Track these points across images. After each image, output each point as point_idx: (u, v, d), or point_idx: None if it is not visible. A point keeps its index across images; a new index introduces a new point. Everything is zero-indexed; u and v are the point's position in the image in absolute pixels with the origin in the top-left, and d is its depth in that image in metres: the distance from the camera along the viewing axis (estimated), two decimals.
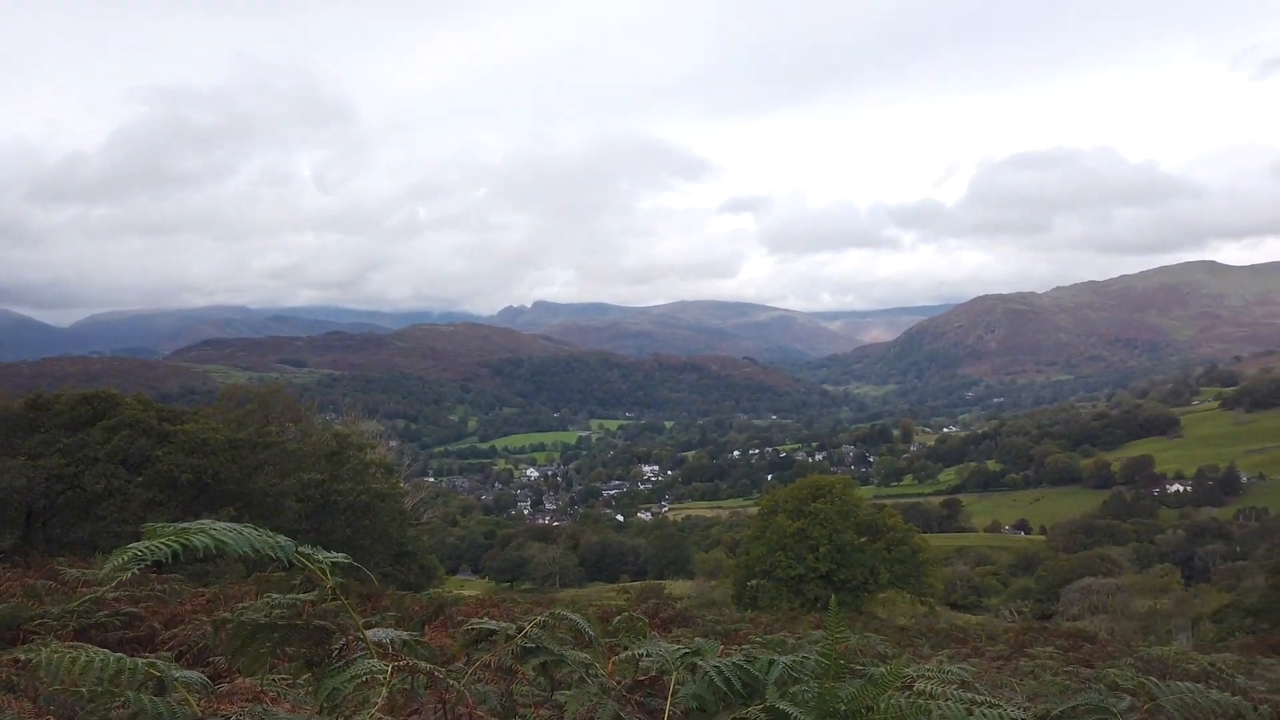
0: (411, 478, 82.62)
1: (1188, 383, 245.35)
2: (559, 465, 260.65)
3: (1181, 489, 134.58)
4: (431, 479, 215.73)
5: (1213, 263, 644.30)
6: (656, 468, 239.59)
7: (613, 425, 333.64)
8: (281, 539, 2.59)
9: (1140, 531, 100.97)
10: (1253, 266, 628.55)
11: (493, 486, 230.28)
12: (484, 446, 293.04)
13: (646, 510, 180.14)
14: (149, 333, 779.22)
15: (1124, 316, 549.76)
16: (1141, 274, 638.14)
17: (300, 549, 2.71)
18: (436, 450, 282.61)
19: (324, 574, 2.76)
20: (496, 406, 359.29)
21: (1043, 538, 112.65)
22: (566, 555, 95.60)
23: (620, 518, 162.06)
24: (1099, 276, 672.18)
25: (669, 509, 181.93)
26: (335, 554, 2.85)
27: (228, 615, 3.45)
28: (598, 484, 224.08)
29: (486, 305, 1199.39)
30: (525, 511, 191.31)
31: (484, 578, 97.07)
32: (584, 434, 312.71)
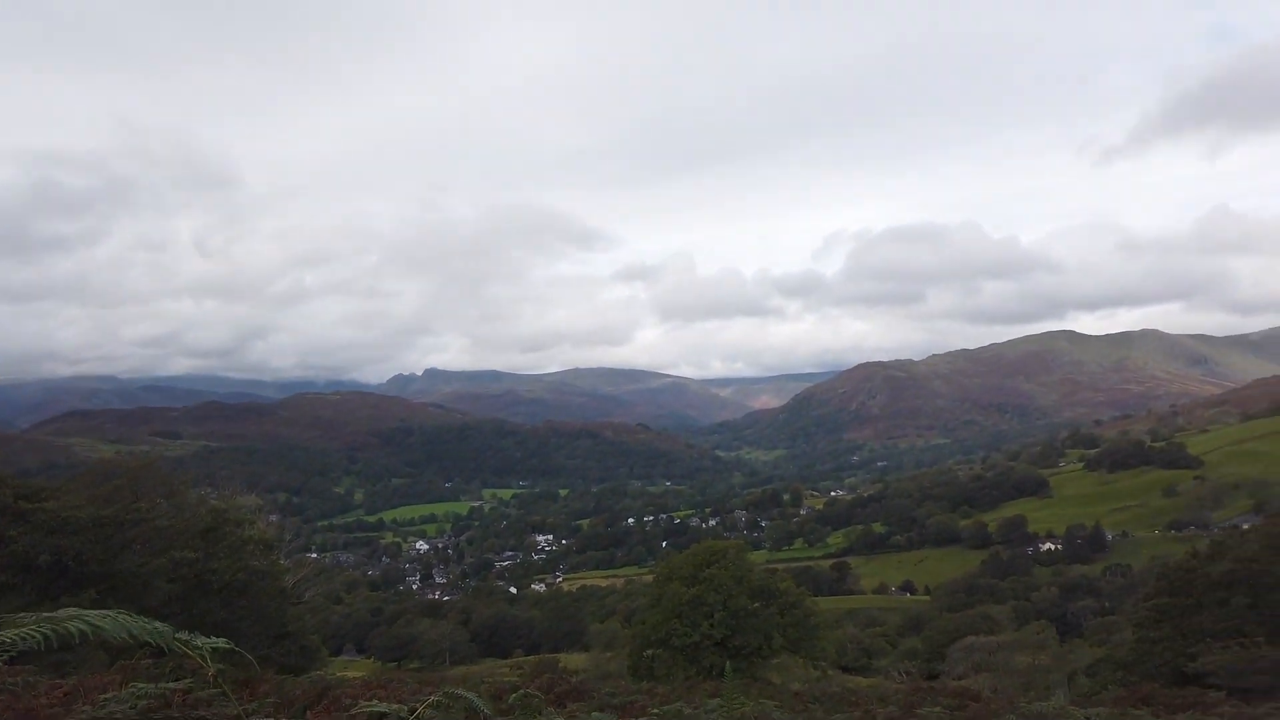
0: (293, 554, 79.03)
1: (1054, 445, 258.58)
2: (450, 537, 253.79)
3: (1053, 547, 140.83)
4: (315, 555, 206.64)
5: (1072, 332, 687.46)
6: (550, 537, 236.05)
7: (506, 494, 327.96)
8: (158, 624, 2.42)
9: (1017, 589, 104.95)
10: (1108, 335, 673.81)
11: (380, 561, 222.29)
12: (371, 519, 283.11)
13: (541, 581, 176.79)
14: (7, 404, 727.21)
15: (995, 382, 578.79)
16: (1009, 342, 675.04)
17: (179, 634, 2.53)
18: (321, 524, 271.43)
19: (204, 660, 2.55)
20: (385, 477, 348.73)
21: (927, 598, 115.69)
22: (457, 631, 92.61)
23: (513, 590, 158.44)
24: (971, 345, 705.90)
25: (563, 579, 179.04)
26: (215, 639, 2.64)
27: (89, 708, 3.24)
28: (490, 555, 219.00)
29: (375, 374, 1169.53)
30: (414, 586, 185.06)
31: (370, 657, 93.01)
32: (476, 504, 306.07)
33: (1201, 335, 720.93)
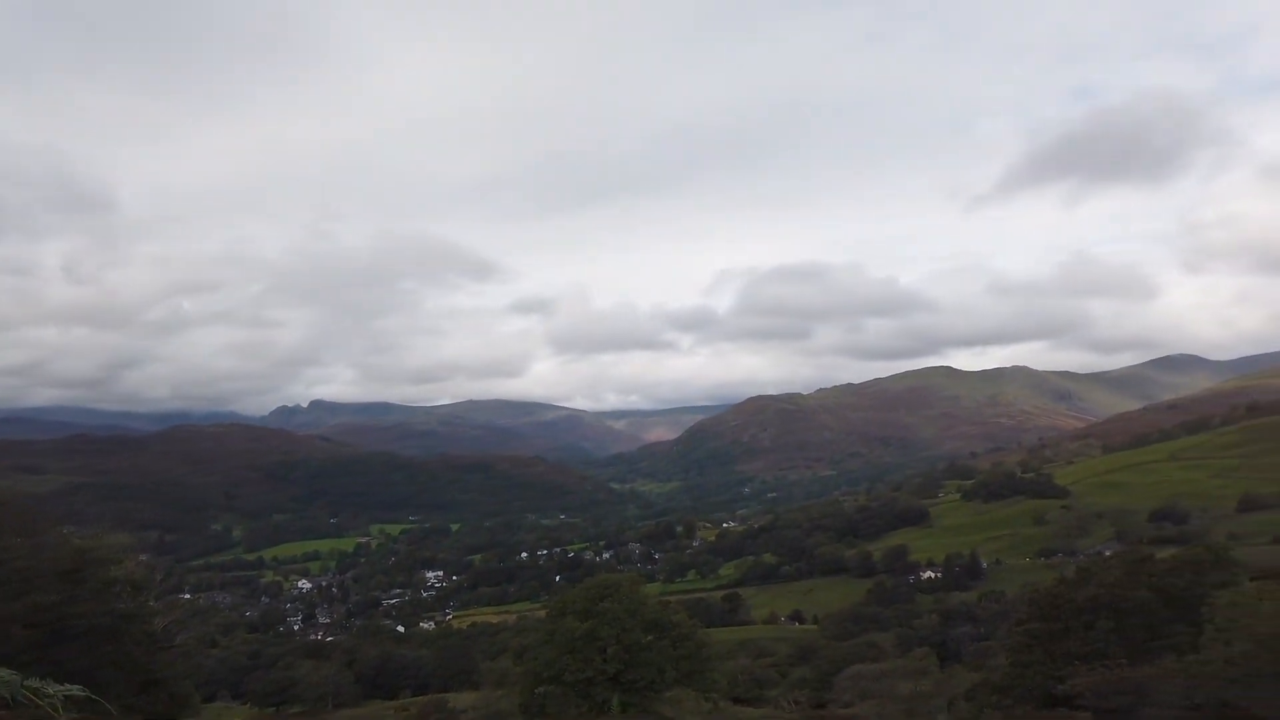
0: (165, 595, 74.80)
1: (934, 477, 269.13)
2: (335, 575, 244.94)
3: (933, 575, 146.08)
4: (188, 595, 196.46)
5: (950, 368, 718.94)
6: (441, 573, 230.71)
7: (395, 530, 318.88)
8: (4, 672, 2.29)
9: (901, 617, 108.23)
10: (982, 372, 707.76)
11: (260, 601, 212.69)
12: (251, 557, 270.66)
13: (430, 619, 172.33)
14: None
15: (879, 416, 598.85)
16: (892, 377, 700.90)
17: (27, 683, 2.38)
18: (196, 563, 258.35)
19: (55, 710, 2.37)
20: (266, 513, 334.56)
21: (816, 627, 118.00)
22: (341, 673, 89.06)
23: (401, 628, 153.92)
24: (856, 379, 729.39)
25: (454, 616, 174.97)
26: (69, 686, 2.47)
27: None
28: (377, 593, 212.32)
29: (258, 405, 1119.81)
30: (296, 627, 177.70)
31: (247, 704, 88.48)
32: (364, 540, 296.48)
33: (1066, 372, 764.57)
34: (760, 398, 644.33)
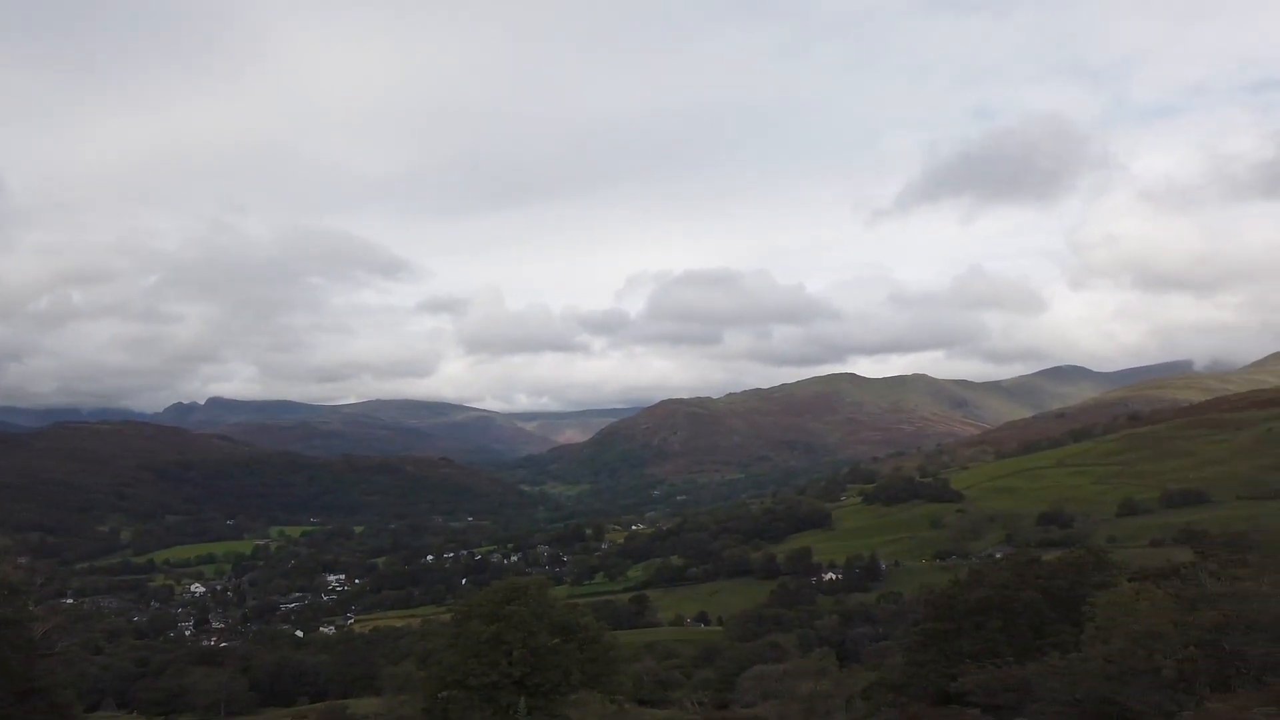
0: (45, 600, 71.16)
1: (837, 481, 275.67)
2: (231, 579, 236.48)
3: (835, 577, 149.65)
4: (71, 600, 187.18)
5: (854, 375, 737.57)
6: (343, 576, 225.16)
7: (296, 532, 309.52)
8: None
9: (802, 618, 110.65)
10: (885, 379, 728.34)
11: (149, 606, 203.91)
12: (140, 560, 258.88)
13: (330, 624, 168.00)
14: None
15: (786, 421, 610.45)
16: (799, 383, 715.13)
17: None
18: (81, 566, 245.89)
19: None
20: (158, 515, 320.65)
21: (720, 629, 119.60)
22: (236, 679, 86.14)
23: (300, 633, 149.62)
24: (765, 385, 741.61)
25: (355, 621, 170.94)
26: None
27: None
28: (276, 597, 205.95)
29: (151, 402, 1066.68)
30: (188, 632, 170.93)
31: (133, 712, 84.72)
32: (262, 543, 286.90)
33: (963, 381, 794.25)
34: (671, 401, 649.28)
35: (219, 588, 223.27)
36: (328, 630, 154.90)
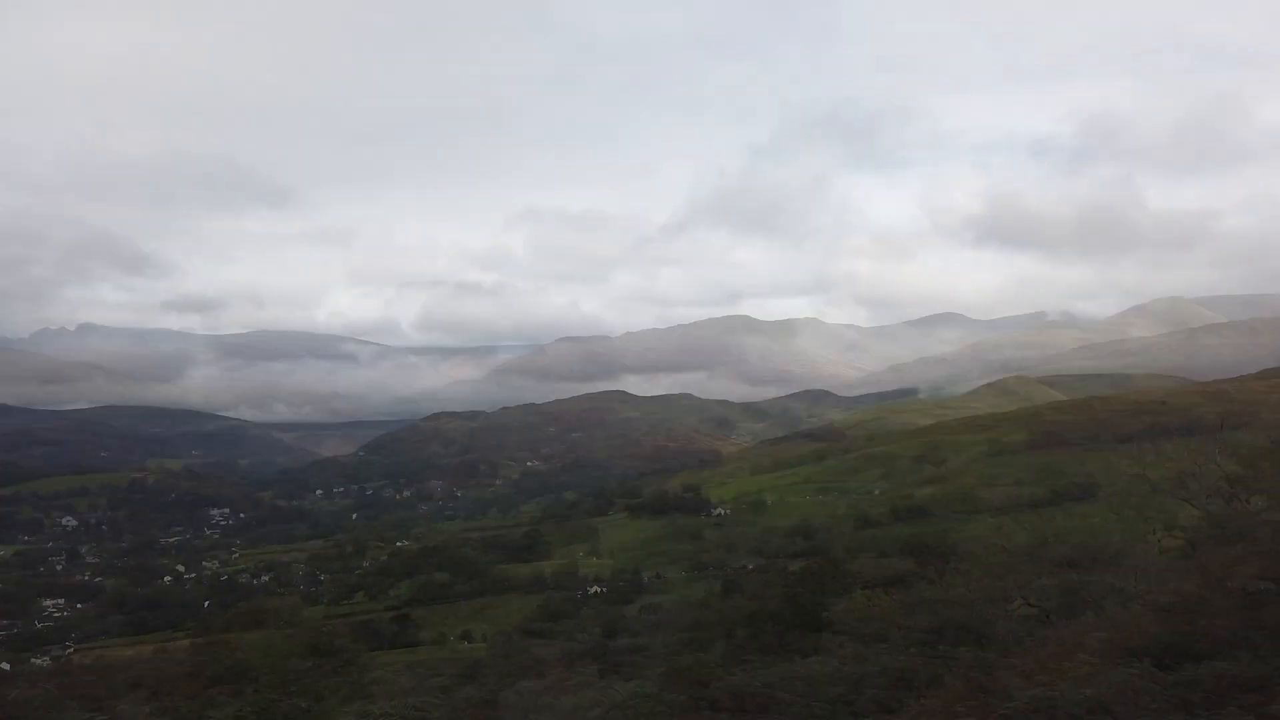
0: None
1: (606, 496, 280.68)
2: None
3: (600, 590, 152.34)
4: None
5: (624, 393, 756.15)
6: (62, 601, 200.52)
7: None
8: None
9: (568, 631, 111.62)
10: (654, 397, 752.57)
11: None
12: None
13: (45, 654, 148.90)
14: None
15: (559, 435, 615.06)
16: (573, 399, 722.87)
17: None
18: None
19: None
20: None
21: (484, 645, 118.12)
22: None
23: (6, 665, 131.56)
24: (539, 400, 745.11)
25: (74, 650, 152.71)
26: None
27: None
28: None
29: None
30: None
31: None
32: None
33: (725, 400, 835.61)
34: (443, 414, 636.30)
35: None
36: (40, 661, 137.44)
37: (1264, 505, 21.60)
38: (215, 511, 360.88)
